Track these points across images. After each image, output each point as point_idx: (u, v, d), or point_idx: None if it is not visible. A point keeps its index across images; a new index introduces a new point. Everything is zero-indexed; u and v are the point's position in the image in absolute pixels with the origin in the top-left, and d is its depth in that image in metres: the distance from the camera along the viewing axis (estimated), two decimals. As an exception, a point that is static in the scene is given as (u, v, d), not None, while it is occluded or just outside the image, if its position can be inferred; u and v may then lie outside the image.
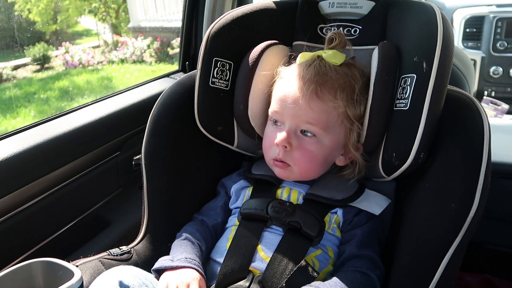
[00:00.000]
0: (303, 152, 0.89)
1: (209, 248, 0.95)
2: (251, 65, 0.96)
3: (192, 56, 1.70)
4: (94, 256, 0.89)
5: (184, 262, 0.85)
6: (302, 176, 0.93)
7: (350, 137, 0.89)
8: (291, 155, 0.89)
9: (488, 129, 0.81)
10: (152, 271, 0.87)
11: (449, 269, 0.79)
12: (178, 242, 0.93)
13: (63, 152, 1.18)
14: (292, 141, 0.88)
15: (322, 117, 0.87)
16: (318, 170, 0.93)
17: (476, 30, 2.42)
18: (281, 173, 0.93)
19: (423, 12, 0.86)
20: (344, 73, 0.89)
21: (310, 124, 0.87)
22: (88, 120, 1.25)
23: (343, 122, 0.88)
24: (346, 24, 1.01)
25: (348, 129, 0.89)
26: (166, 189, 1.02)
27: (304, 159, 0.89)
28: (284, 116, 0.90)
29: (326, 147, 0.89)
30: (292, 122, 0.89)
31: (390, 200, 0.94)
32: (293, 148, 0.89)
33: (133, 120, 1.40)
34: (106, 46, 7.68)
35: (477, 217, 0.77)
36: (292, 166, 0.91)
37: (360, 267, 0.83)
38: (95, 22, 8.14)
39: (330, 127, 0.88)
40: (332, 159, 0.93)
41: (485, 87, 2.43)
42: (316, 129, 0.88)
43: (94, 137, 1.27)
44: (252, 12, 1.01)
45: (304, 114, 0.87)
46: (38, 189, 1.14)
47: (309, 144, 0.89)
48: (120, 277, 0.78)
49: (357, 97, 0.88)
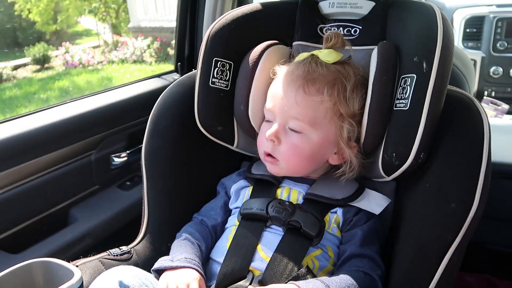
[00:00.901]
0: (290, 146, 0.90)
1: (209, 248, 0.95)
2: (251, 65, 0.97)
3: (187, 57, 1.70)
4: (94, 256, 0.90)
5: (184, 262, 0.85)
6: (291, 172, 0.94)
7: (341, 134, 0.90)
8: (279, 149, 0.91)
9: (488, 129, 0.81)
10: (152, 271, 0.87)
11: (449, 269, 0.79)
12: (178, 243, 0.93)
13: (36, 146, 1.21)
14: (280, 136, 0.90)
15: (309, 112, 0.87)
16: (306, 166, 0.94)
17: (476, 30, 2.41)
18: (271, 168, 0.95)
19: (423, 12, 0.86)
20: (335, 71, 0.89)
21: (297, 119, 0.88)
22: (64, 117, 1.28)
23: (332, 119, 0.88)
24: (346, 24, 1.01)
25: (339, 125, 0.89)
26: (166, 189, 1.02)
27: (291, 154, 0.90)
28: (274, 112, 0.91)
29: (313, 143, 0.90)
30: (281, 117, 0.90)
31: (390, 199, 0.94)
32: (281, 142, 0.90)
33: (111, 119, 1.42)
34: (106, 46, 7.69)
35: (477, 217, 0.77)
36: (280, 160, 0.92)
37: (362, 267, 0.83)
38: (95, 22, 8.14)
39: (317, 123, 0.88)
40: (322, 156, 0.93)
41: (485, 87, 2.43)
42: (303, 124, 0.88)
43: (69, 134, 1.30)
44: (252, 12, 1.01)
45: (291, 109, 0.88)
46: (6, 182, 1.17)
47: (297, 139, 0.89)
48: (120, 277, 0.78)
49: (349, 94, 0.88)
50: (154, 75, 1.73)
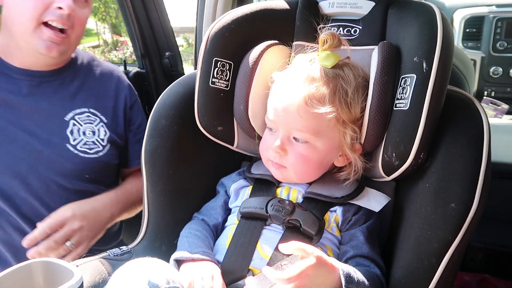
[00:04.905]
0: (298, 156, 0.90)
1: (211, 247, 0.95)
2: (251, 65, 0.97)
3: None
4: (94, 256, 0.90)
5: (204, 255, 0.86)
6: (299, 179, 0.94)
7: (344, 139, 0.90)
8: (287, 160, 0.91)
9: (488, 129, 0.81)
10: (172, 261, 0.87)
11: (449, 269, 0.79)
12: (188, 238, 0.93)
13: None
14: (286, 147, 0.90)
15: (312, 124, 0.87)
16: (314, 173, 0.94)
17: (476, 30, 2.42)
18: (277, 174, 0.94)
19: (423, 12, 0.86)
20: (335, 76, 0.88)
21: (301, 131, 0.88)
22: None
23: (335, 126, 0.88)
24: (346, 24, 1.01)
25: (342, 132, 0.89)
26: (166, 189, 1.02)
27: (299, 163, 0.90)
28: (277, 123, 0.91)
29: (320, 151, 0.90)
30: (284, 129, 0.90)
31: (389, 198, 0.94)
32: (287, 153, 0.90)
33: None
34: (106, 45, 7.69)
35: (477, 217, 0.77)
36: (288, 169, 0.91)
37: (368, 266, 0.84)
38: (95, 22, 8.14)
39: (321, 132, 0.88)
40: (328, 161, 0.93)
41: (485, 87, 2.44)
42: (307, 135, 0.88)
43: None
44: (252, 12, 1.01)
45: (294, 122, 0.88)
46: None
47: (303, 149, 0.89)
48: (148, 276, 0.75)
49: (350, 99, 0.87)
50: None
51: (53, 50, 1.15)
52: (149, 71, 1.74)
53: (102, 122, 1.27)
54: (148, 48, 1.73)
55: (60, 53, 1.18)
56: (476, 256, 1.58)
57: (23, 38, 1.15)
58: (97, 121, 1.27)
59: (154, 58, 1.74)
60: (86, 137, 1.24)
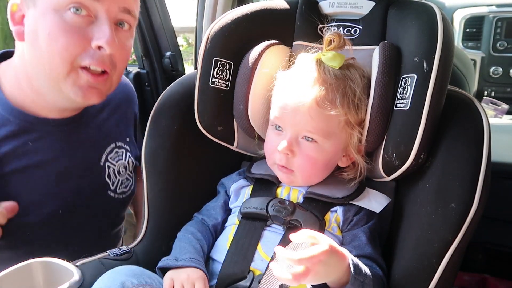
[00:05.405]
0: (305, 158, 0.89)
1: (210, 248, 0.95)
2: (251, 65, 0.96)
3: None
4: (94, 256, 0.90)
5: (189, 262, 0.85)
6: (306, 182, 0.94)
7: (351, 141, 0.90)
8: (294, 161, 0.90)
9: (488, 129, 0.81)
10: (156, 270, 0.87)
11: (449, 269, 0.79)
12: (180, 242, 0.93)
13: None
14: (294, 148, 0.89)
15: (323, 125, 0.87)
16: (320, 175, 0.94)
17: (476, 30, 2.42)
18: (284, 178, 0.94)
19: (423, 12, 0.86)
20: (344, 77, 0.88)
21: (310, 132, 0.88)
22: None
23: (344, 128, 0.88)
24: (346, 24, 1.01)
25: (349, 133, 0.89)
26: (166, 189, 1.02)
27: (306, 165, 0.90)
28: (285, 123, 0.90)
29: (327, 152, 0.89)
30: (293, 129, 0.89)
31: (390, 198, 0.94)
32: (295, 154, 0.89)
33: None
34: (106, 45, 7.67)
35: (477, 217, 0.77)
36: (296, 171, 0.91)
37: (370, 266, 0.84)
38: (95, 22, 8.12)
39: (331, 133, 0.88)
40: (334, 162, 0.93)
41: (485, 87, 2.44)
42: (316, 136, 0.88)
43: None
44: (252, 12, 1.01)
45: (305, 123, 0.87)
46: None
47: (311, 150, 0.89)
48: (122, 278, 0.78)
49: (358, 101, 0.87)
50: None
51: (92, 96, 0.94)
52: (149, 71, 1.74)
53: (128, 152, 1.14)
54: (148, 48, 1.72)
55: (101, 97, 0.96)
56: (476, 256, 1.58)
57: (52, 84, 0.93)
58: (124, 154, 1.13)
59: (155, 58, 1.73)
60: (121, 176, 1.12)
